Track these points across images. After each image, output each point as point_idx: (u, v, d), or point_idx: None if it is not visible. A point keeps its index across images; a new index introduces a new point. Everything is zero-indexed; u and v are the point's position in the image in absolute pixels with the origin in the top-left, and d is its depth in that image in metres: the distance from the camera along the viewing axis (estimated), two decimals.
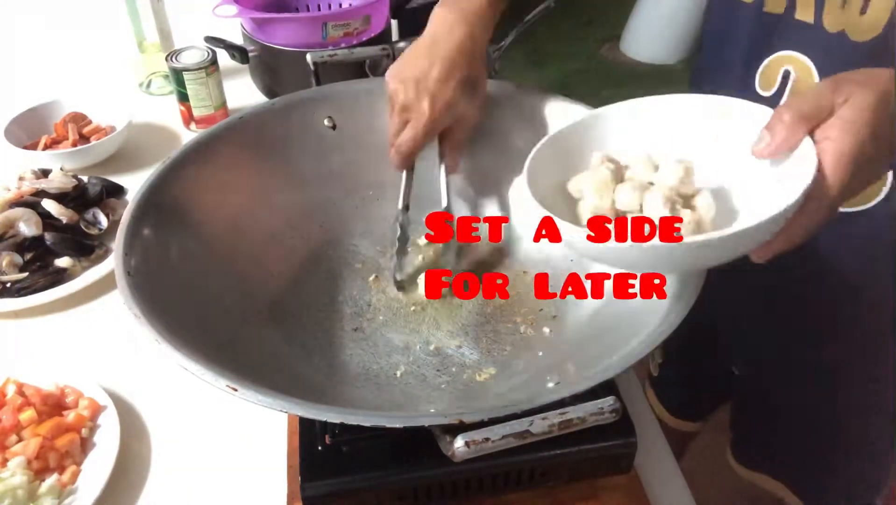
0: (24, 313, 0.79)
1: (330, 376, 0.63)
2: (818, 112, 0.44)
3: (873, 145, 0.43)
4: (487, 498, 0.59)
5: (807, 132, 0.45)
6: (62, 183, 0.90)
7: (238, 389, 0.47)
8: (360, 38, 1.06)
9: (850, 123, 0.43)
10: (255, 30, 1.07)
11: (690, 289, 0.53)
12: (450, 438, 0.44)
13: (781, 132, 0.45)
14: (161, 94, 1.18)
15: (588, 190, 0.53)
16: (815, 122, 0.44)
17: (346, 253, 0.75)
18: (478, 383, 0.63)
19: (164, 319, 0.52)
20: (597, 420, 0.46)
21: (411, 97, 0.64)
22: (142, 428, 0.67)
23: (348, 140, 0.77)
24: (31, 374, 0.69)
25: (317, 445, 0.56)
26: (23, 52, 1.33)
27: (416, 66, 0.64)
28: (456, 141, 0.70)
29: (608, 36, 3.17)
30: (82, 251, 0.84)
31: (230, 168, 0.71)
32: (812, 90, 0.46)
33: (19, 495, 0.59)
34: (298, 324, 0.68)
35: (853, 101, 0.44)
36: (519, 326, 0.68)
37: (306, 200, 0.76)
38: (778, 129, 0.45)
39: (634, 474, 0.61)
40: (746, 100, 0.52)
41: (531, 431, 0.44)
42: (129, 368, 0.72)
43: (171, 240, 0.63)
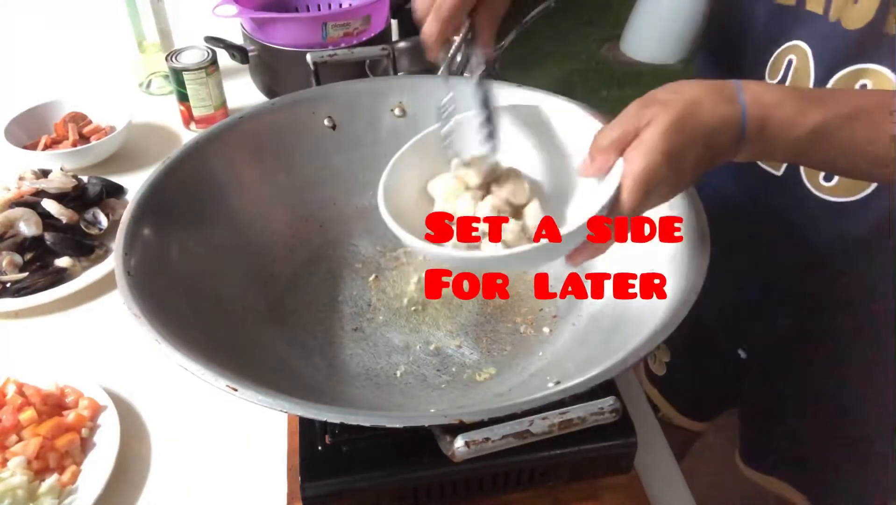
0: (24, 313, 0.79)
1: (330, 376, 0.63)
2: (624, 136, 0.48)
3: (667, 166, 0.46)
4: (487, 498, 0.59)
5: (618, 155, 0.48)
6: (62, 183, 0.90)
7: (238, 389, 0.47)
8: (360, 38, 1.06)
9: (644, 146, 0.46)
10: (255, 30, 1.07)
11: (691, 289, 0.53)
12: (450, 438, 0.44)
13: (597, 157, 0.49)
14: (161, 94, 1.18)
15: (439, 196, 0.57)
16: (624, 145, 0.48)
17: (346, 253, 0.75)
18: (478, 383, 0.63)
19: (164, 319, 0.52)
20: (597, 420, 0.46)
21: None
22: (142, 428, 0.67)
23: (348, 140, 0.77)
24: (31, 374, 0.69)
25: (317, 445, 0.56)
26: (23, 52, 1.33)
27: None
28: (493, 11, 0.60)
29: (608, 36, 3.17)
30: (82, 251, 0.84)
31: (230, 168, 0.71)
32: (623, 114, 0.49)
33: (19, 495, 0.59)
34: (298, 324, 0.68)
35: (653, 123, 0.47)
36: (519, 326, 0.68)
37: (306, 200, 0.76)
38: (595, 153, 0.49)
39: (634, 474, 0.61)
40: None
41: (531, 431, 0.44)
42: (129, 368, 0.72)
43: (171, 240, 0.63)
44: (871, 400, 0.75)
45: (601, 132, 0.50)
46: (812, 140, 0.47)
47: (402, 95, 0.77)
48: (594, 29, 3.25)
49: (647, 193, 0.47)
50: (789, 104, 0.47)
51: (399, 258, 0.75)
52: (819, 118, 0.46)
